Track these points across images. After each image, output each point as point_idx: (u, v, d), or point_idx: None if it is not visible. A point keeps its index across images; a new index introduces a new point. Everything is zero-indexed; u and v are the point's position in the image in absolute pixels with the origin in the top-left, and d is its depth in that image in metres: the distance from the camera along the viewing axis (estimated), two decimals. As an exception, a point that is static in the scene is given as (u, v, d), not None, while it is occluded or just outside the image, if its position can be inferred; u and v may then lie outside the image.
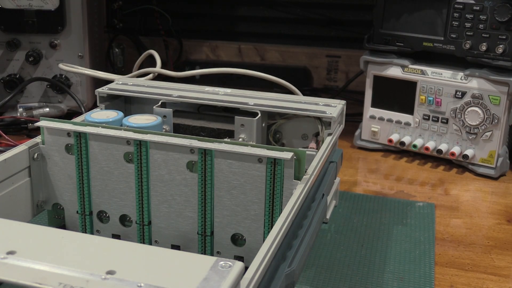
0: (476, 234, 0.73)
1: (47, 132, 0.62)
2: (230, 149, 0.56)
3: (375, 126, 0.99)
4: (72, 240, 0.39)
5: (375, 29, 0.96)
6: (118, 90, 0.76)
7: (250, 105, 0.71)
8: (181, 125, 0.71)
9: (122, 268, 0.36)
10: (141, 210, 0.60)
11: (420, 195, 0.84)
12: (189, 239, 0.60)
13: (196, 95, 0.74)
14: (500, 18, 0.83)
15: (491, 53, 0.85)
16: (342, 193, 0.82)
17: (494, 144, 0.89)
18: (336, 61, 1.31)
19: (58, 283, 0.34)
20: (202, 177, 0.57)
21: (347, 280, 0.62)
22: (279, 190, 0.55)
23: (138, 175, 0.59)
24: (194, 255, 0.39)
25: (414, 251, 0.68)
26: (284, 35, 1.36)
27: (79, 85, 1.05)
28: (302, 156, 0.55)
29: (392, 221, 0.75)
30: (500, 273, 0.65)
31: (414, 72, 0.93)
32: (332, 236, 0.71)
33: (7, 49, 1.01)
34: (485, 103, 0.87)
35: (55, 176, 0.63)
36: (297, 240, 0.49)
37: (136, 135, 0.58)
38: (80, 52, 1.03)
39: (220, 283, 0.35)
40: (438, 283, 0.62)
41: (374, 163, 0.96)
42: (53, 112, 1.02)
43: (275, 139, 0.74)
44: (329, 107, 0.71)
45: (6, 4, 0.99)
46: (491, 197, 0.84)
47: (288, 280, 0.45)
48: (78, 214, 0.63)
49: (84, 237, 0.40)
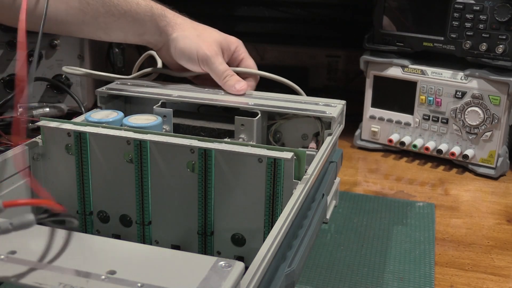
0: (476, 234, 0.73)
1: (47, 132, 0.62)
2: (230, 149, 0.56)
3: (375, 126, 0.99)
4: (72, 240, 0.39)
5: (375, 29, 0.96)
6: (118, 90, 0.76)
7: (250, 105, 0.71)
8: (181, 125, 0.71)
9: (122, 268, 0.36)
10: (141, 210, 0.60)
11: (420, 195, 0.84)
12: (189, 239, 0.59)
13: (196, 95, 0.74)
14: (500, 18, 0.83)
15: (491, 53, 0.85)
16: (342, 193, 0.82)
17: (494, 144, 0.89)
18: (336, 61, 1.31)
19: (58, 283, 0.34)
20: (202, 177, 0.57)
21: (347, 280, 0.62)
22: (279, 190, 0.55)
23: (138, 175, 0.59)
24: (195, 255, 0.39)
25: (414, 251, 0.68)
26: (284, 35, 1.36)
27: (79, 85, 1.05)
28: (302, 156, 0.55)
29: (392, 221, 0.75)
30: (500, 273, 0.65)
31: (414, 72, 0.93)
32: (332, 236, 0.71)
33: (7, 49, 1.01)
34: (485, 103, 0.87)
35: (55, 176, 0.63)
36: (297, 240, 0.49)
37: (136, 135, 0.58)
38: (80, 52, 1.03)
39: (220, 283, 0.35)
40: (438, 283, 0.62)
41: (374, 163, 0.96)
42: (53, 112, 1.02)
43: (275, 139, 0.74)
44: (329, 107, 0.71)
45: (6, 4, 0.99)
46: (491, 197, 0.84)
47: (288, 280, 0.45)
48: (78, 214, 0.63)
49: (84, 237, 0.40)
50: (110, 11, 0.75)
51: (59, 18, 0.73)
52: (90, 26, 0.76)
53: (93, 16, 0.75)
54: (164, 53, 0.81)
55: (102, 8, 0.75)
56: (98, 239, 0.40)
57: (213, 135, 0.70)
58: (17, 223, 0.36)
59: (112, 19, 0.76)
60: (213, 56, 0.77)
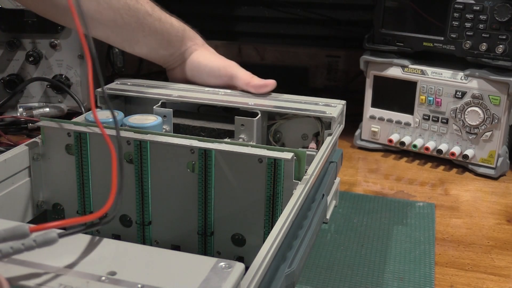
0: (476, 234, 0.73)
1: (47, 132, 0.62)
2: (230, 149, 0.56)
3: (375, 126, 0.99)
4: (72, 240, 0.39)
5: (375, 29, 0.96)
6: (118, 90, 0.76)
7: (250, 105, 0.71)
8: (181, 125, 0.71)
9: (123, 269, 0.36)
10: (141, 210, 0.60)
11: (420, 195, 0.84)
12: (189, 239, 0.59)
13: (196, 95, 0.74)
14: (500, 18, 0.83)
15: (491, 53, 0.85)
16: (342, 193, 0.82)
17: (494, 144, 0.89)
18: (336, 61, 1.31)
19: (59, 284, 0.34)
20: (202, 177, 0.57)
21: (347, 280, 0.62)
22: (279, 190, 0.55)
23: (138, 175, 0.59)
24: (195, 256, 0.39)
25: (414, 251, 0.68)
26: (284, 35, 1.36)
27: (79, 85, 1.05)
28: (302, 156, 0.55)
29: (392, 221, 0.75)
30: (500, 273, 0.65)
31: (414, 72, 0.93)
32: (332, 236, 0.71)
33: (7, 49, 1.01)
34: (485, 103, 0.87)
35: (55, 176, 0.63)
36: (297, 241, 0.49)
37: (136, 135, 0.58)
38: (80, 52, 1.03)
39: (220, 284, 0.35)
40: (438, 283, 0.62)
41: (374, 163, 0.96)
42: (53, 112, 1.02)
43: (275, 139, 0.74)
44: (329, 107, 0.71)
45: (6, 4, 0.99)
46: (491, 197, 0.84)
47: (288, 280, 0.45)
48: (78, 214, 0.63)
49: (84, 238, 0.40)
50: (141, 27, 0.75)
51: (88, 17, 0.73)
52: (117, 36, 0.76)
53: (123, 28, 0.75)
54: (178, 71, 0.83)
55: (135, 23, 0.75)
56: (98, 240, 0.40)
57: (213, 135, 0.70)
58: (41, 240, 0.36)
59: (142, 34, 0.76)
60: (235, 65, 0.79)
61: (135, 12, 0.74)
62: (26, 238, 0.36)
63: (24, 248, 0.35)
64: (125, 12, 0.73)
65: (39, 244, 0.36)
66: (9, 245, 0.35)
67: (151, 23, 0.76)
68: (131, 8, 0.74)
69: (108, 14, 0.73)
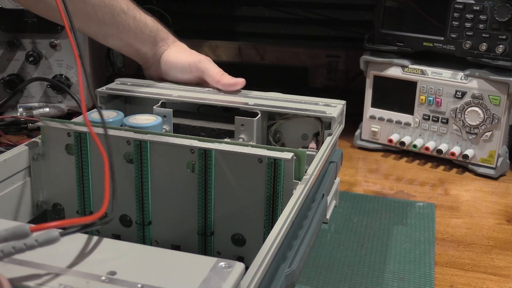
0: (476, 234, 0.73)
1: (47, 132, 0.62)
2: (230, 149, 0.56)
3: (375, 126, 0.99)
4: (72, 240, 0.39)
5: (375, 29, 0.96)
6: (118, 90, 0.76)
7: (250, 105, 0.71)
8: (181, 125, 0.71)
9: (123, 269, 0.36)
10: (141, 210, 0.60)
11: (420, 195, 0.84)
12: (189, 239, 0.59)
13: (196, 95, 0.74)
14: (500, 18, 0.83)
15: (491, 53, 0.85)
16: (342, 193, 0.82)
17: (494, 144, 0.89)
18: (336, 61, 1.31)
19: (59, 284, 0.34)
20: (202, 177, 0.57)
21: (347, 280, 0.62)
22: (279, 190, 0.55)
23: (138, 175, 0.59)
24: (195, 256, 0.39)
25: (414, 251, 0.68)
26: (284, 35, 1.36)
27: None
28: (302, 156, 0.55)
29: (392, 221, 0.75)
30: (500, 273, 0.65)
31: (414, 72, 0.93)
32: (332, 236, 0.71)
33: (7, 49, 1.01)
34: (485, 103, 0.87)
35: (55, 176, 0.63)
36: (297, 240, 0.49)
37: (136, 135, 0.58)
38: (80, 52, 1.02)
39: (220, 284, 0.35)
40: (438, 283, 0.62)
41: (374, 163, 0.96)
42: (53, 112, 1.02)
43: (275, 139, 0.74)
44: (329, 107, 0.71)
45: (6, 4, 0.99)
46: (491, 197, 0.84)
47: (288, 280, 0.45)
48: (78, 214, 0.63)
49: (84, 238, 0.40)
50: (116, 24, 0.76)
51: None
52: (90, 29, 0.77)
53: (96, 22, 0.75)
54: (153, 70, 0.84)
55: (109, 20, 0.75)
56: (98, 240, 0.40)
57: (213, 135, 0.70)
58: (43, 239, 0.36)
59: (116, 31, 0.77)
60: (206, 59, 0.80)
61: (110, 9, 0.75)
62: (26, 238, 0.36)
63: (26, 248, 0.35)
64: (100, 8, 0.74)
65: (40, 243, 0.35)
66: (10, 245, 0.35)
67: (125, 20, 0.76)
68: (107, 4, 0.75)
69: (82, 8, 0.73)
